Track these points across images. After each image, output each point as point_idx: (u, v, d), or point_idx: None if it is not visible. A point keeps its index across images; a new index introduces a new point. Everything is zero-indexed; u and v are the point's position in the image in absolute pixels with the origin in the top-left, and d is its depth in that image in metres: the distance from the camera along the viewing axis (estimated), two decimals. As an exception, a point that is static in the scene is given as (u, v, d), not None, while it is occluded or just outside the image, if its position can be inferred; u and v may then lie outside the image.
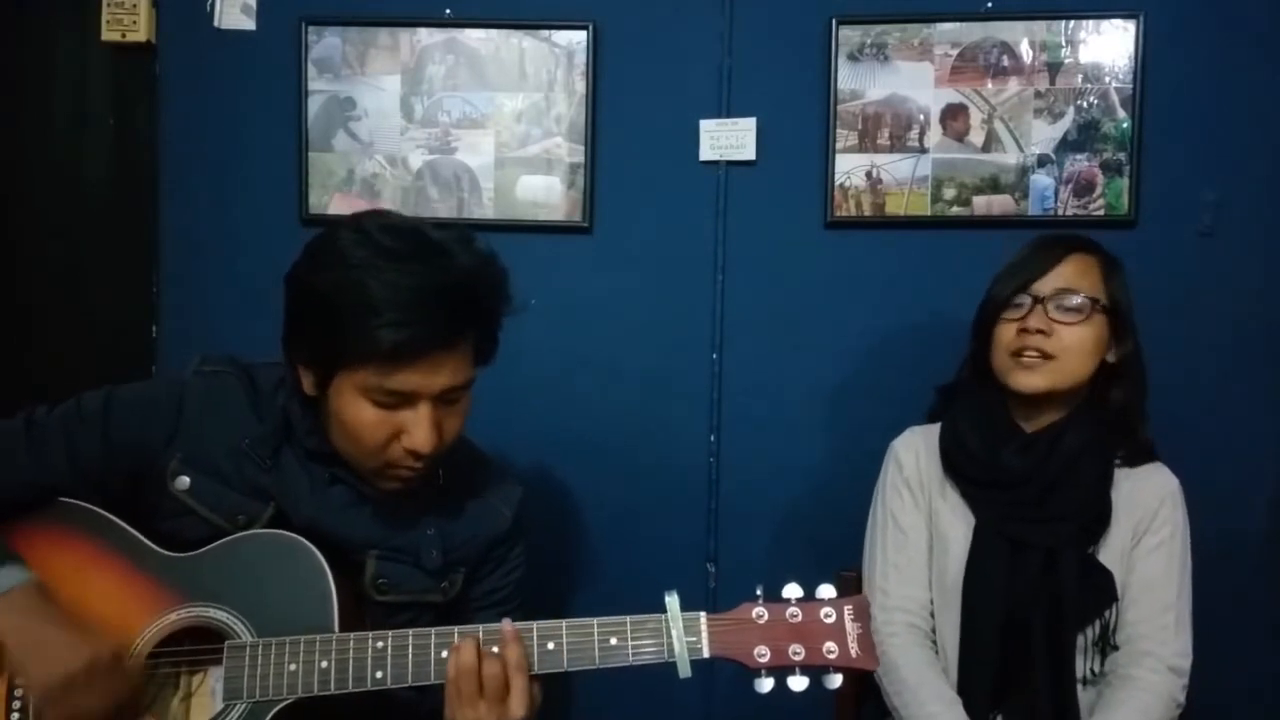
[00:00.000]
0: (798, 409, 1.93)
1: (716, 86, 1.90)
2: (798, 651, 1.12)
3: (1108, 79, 1.85)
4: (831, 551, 1.78)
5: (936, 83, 1.87)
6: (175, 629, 1.20)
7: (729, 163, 1.91)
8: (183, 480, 1.25)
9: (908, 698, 1.47)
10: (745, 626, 1.14)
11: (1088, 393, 1.52)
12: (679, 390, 1.94)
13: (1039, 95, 1.86)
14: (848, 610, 1.14)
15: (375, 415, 1.19)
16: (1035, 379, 1.47)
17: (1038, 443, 1.50)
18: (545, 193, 1.94)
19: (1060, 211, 1.86)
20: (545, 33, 1.92)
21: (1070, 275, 1.48)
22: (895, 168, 1.88)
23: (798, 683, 1.12)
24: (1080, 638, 1.46)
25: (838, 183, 1.89)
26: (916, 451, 1.59)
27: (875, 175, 1.88)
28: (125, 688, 1.15)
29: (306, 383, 1.24)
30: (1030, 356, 1.46)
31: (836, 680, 1.12)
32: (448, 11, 1.93)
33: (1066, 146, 1.86)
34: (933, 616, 1.54)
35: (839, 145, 1.88)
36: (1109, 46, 1.85)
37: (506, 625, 1.15)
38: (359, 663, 1.16)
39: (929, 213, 1.88)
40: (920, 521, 1.56)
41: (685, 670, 1.13)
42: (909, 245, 1.89)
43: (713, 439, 1.94)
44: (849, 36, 1.87)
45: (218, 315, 1.97)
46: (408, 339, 1.14)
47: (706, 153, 1.90)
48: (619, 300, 1.94)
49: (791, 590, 1.15)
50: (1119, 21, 1.84)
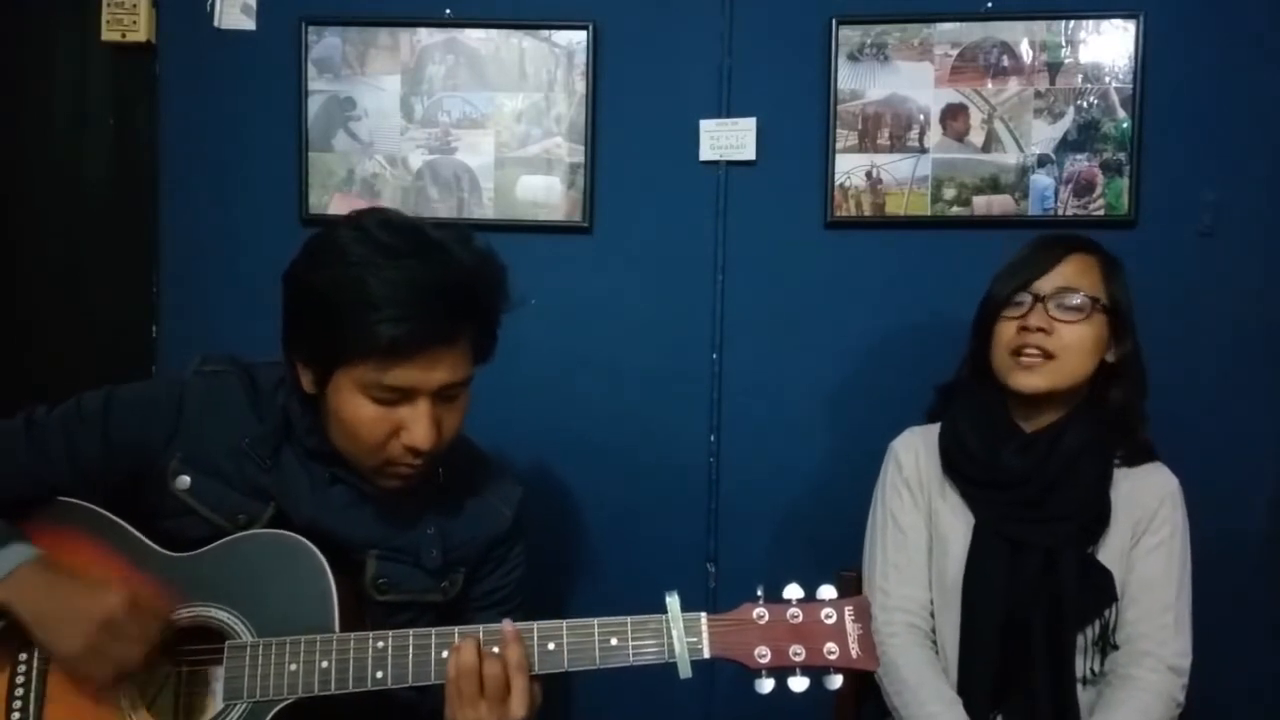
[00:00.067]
0: (798, 409, 1.93)
1: (716, 86, 1.90)
2: (798, 652, 1.12)
3: (1108, 79, 1.85)
4: (831, 552, 1.78)
5: (936, 83, 1.87)
6: (176, 629, 1.20)
7: (729, 163, 1.91)
8: (183, 480, 1.26)
9: (908, 698, 1.47)
10: (746, 627, 1.14)
11: (1087, 392, 1.52)
12: (679, 390, 1.94)
13: (1039, 95, 1.86)
14: (848, 611, 1.14)
15: (374, 412, 1.19)
16: (1035, 380, 1.47)
17: (1037, 442, 1.50)
18: (545, 193, 1.94)
19: (1060, 211, 1.86)
20: (545, 33, 1.92)
21: (1071, 274, 1.48)
22: (895, 168, 1.88)
23: (798, 683, 1.12)
24: (1080, 637, 1.46)
25: (838, 183, 1.89)
26: (916, 451, 1.59)
27: (875, 175, 1.88)
28: (154, 626, 1.15)
29: (306, 380, 1.24)
30: (1030, 355, 1.46)
31: (837, 681, 1.12)
32: (448, 11, 1.93)
33: (1066, 146, 1.86)
34: (933, 616, 1.54)
35: (839, 145, 1.88)
36: (1109, 46, 1.85)
37: (507, 625, 1.15)
38: (359, 663, 1.16)
39: (929, 213, 1.88)
40: (920, 521, 1.56)
41: (686, 671, 1.13)
42: (909, 245, 1.89)
43: (713, 439, 1.94)
44: (849, 36, 1.87)
45: (218, 315, 1.97)
46: (406, 334, 1.14)
47: (706, 153, 1.90)
48: (619, 300, 1.94)
49: (792, 591, 1.15)
50: (1119, 21, 1.84)
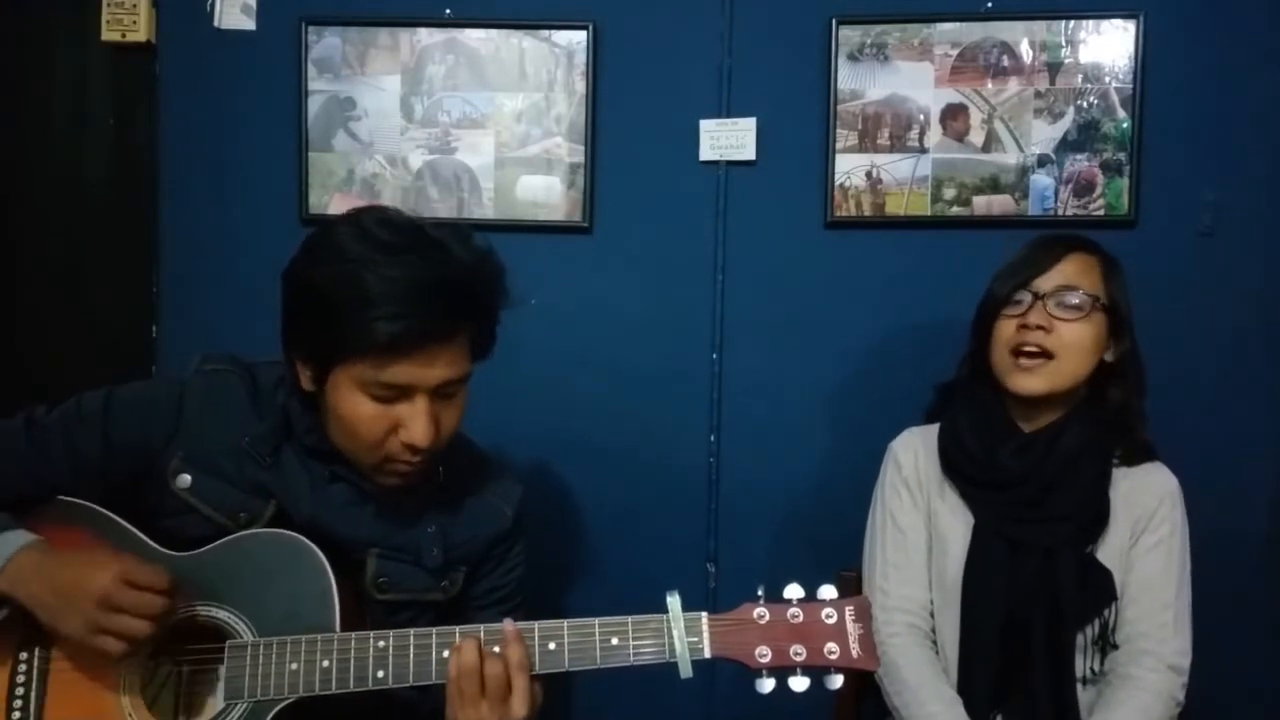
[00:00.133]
0: (798, 409, 1.93)
1: (716, 86, 1.90)
2: (799, 652, 1.12)
3: (1108, 79, 1.85)
4: (831, 552, 1.78)
5: (936, 83, 1.87)
6: (176, 628, 1.20)
7: (729, 163, 1.91)
8: (184, 478, 1.26)
9: (908, 698, 1.47)
10: (746, 627, 1.14)
11: (1086, 392, 1.52)
12: (679, 390, 1.94)
13: (1039, 95, 1.86)
14: (849, 611, 1.14)
15: (372, 409, 1.19)
16: (1034, 382, 1.47)
17: (1036, 443, 1.50)
18: (545, 193, 1.94)
19: (1060, 211, 1.86)
20: (545, 33, 1.92)
21: (1070, 273, 1.48)
22: (895, 168, 1.88)
23: (799, 683, 1.12)
24: (1080, 637, 1.46)
25: (838, 183, 1.89)
26: (915, 452, 1.59)
27: (875, 175, 1.88)
28: (152, 599, 1.14)
29: (305, 378, 1.24)
30: (1030, 354, 1.46)
31: (838, 681, 1.12)
32: (448, 11, 1.93)
33: (1066, 146, 1.86)
34: (933, 616, 1.54)
35: (839, 145, 1.88)
36: (1109, 46, 1.85)
37: (508, 625, 1.15)
38: (360, 662, 1.16)
39: (929, 213, 1.88)
40: (919, 521, 1.56)
41: (686, 670, 1.13)
42: (909, 245, 1.89)
43: (713, 439, 1.94)
44: (849, 36, 1.87)
45: (218, 315, 1.97)
46: (403, 331, 1.14)
47: (706, 153, 1.90)
48: (619, 300, 1.94)
49: (793, 591, 1.15)
50: (1119, 21, 1.84)
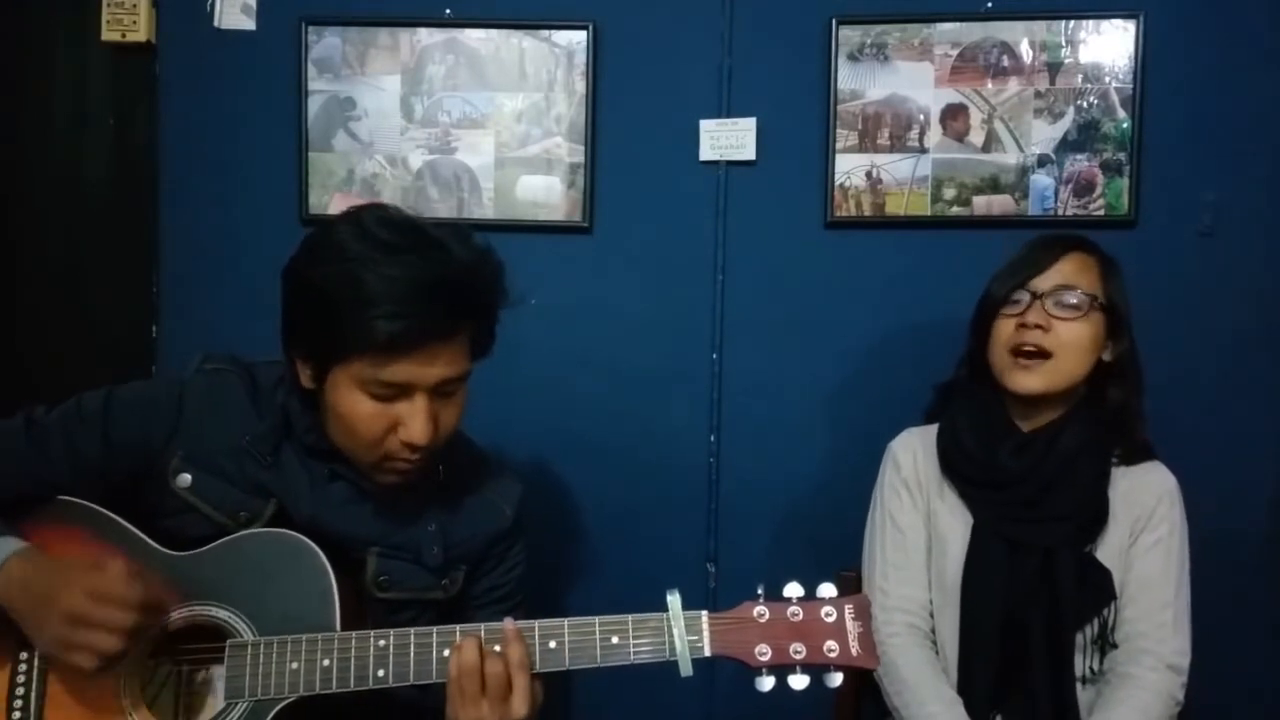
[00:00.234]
0: (798, 409, 1.93)
1: (716, 86, 1.90)
2: (799, 650, 1.12)
3: (1108, 79, 1.85)
4: (831, 551, 1.78)
5: (936, 83, 1.87)
6: (177, 628, 1.20)
7: (729, 163, 1.91)
8: (184, 478, 1.26)
9: (908, 697, 1.47)
10: (746, 625, 1.14)
11: (1085, 392, 1.52)
12: (679, 390, 1.94)
13: (1039, 95, 1.86)
14: (848, 609, 1.14)
15: (372, 408, 1.19)
16: (1033, 381, 1.47)
17: (1035, 442, 1.50)
18: (545, 193, 1.94)
19: (1060, 211, 1.86)
20: (545, 33, 1.92)
21: (1069, 272, 1.48)
22: (895, 168, 1.88)
23: (798, 681, 1.12)
24: (1079, 636, 1.46)
25: (838, 183, 1.89)
26: (914, 452, 1.59)
27: (875, 175, 1.88)
28: (122, 614, 1.12)
29: (304, 377, 1.24)
30: (1028, 354, 1.46)
31: (837, 679, 1.12)
32: (448, 11, 1.93)
33: (1066, 146, 1.86)
34: (932, 616, 1.54)
35: (839, 145, 1.88)
36: (1109, 46, 1.85)
37: (508, 624, 1.15)
38: (361, 661, 1.16)
39: (929, 213, 1.88)
40: (918, 521, 1.56)
41: (687, 669, 1.13)
42: (909, 245, 1.89)
43: (713, 439, 1.94)
44: (849, 36, 1.87)
45: (218, 315, 1.97)
46: (403, 329, 1.14)
47: (706, 153, 1.90)
48: (619, 300, 1.94)
49: (792, 589, 1.15)
50: (1119, 21, 1.84)
